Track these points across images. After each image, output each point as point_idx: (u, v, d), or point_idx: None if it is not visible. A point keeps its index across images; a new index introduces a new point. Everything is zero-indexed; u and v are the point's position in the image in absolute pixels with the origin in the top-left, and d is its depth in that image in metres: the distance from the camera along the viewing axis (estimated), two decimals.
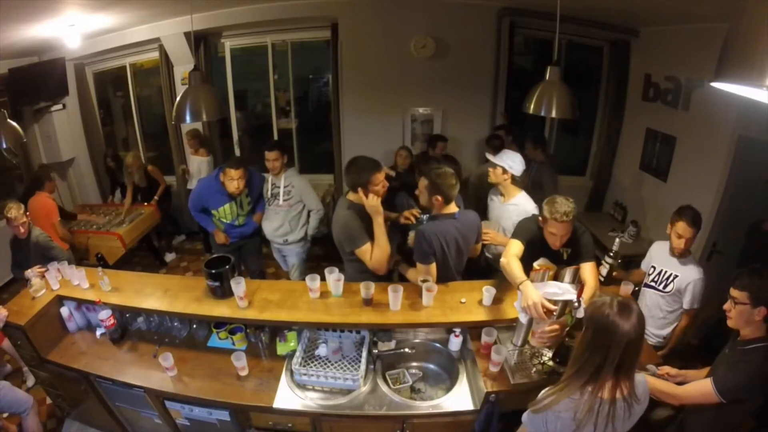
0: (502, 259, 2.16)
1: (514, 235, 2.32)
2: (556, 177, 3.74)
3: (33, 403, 2.56)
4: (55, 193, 4.04)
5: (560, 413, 1.31)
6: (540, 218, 2.22)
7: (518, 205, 2.71)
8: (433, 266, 2.28)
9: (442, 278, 2.38)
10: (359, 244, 2.33)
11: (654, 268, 2.49)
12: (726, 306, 1.72)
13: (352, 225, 2.33)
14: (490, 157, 2.80)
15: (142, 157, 4.89)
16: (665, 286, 2.42)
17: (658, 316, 2.47)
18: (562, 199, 2.12)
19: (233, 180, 3.05)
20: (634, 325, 1.22)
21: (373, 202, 2.26)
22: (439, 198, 2.25)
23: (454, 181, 2.25)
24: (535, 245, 2.26)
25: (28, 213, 2.97)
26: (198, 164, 4.64)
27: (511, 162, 2.69)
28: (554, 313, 1.87)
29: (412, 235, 2.71)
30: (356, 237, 2.33)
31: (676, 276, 2.37)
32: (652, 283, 2.48)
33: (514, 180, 2.73)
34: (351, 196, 2.41)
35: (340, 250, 2.50)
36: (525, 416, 1.43)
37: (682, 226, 2.29)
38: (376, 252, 2.33)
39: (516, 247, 2.21)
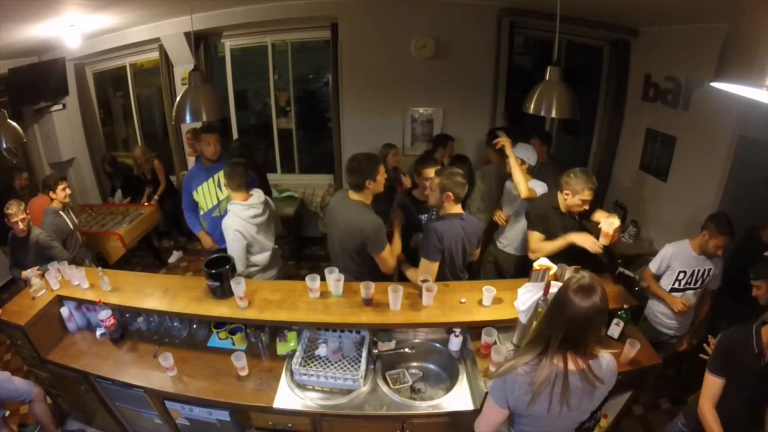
0: (532, 255, 2.51)
1: (532, 227, 2.63)
2: (558, 176, 3.75)
3: (37, 391, 2.58)
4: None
5: (518, 377, 1.36)
6: (567, 192, 2.52)
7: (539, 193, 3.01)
8: (436, 265, 2.29)
9: (450, 277, 2.42)
10: (383, 248, 2.37)
11: (684, 273, 2.57)
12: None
13: (382, 230, 2.37)
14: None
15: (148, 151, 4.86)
16: (702, 283, 2.57)
17: (692, 308, 2.64)
18: (581, 172, 2.50)
19: (209, 144, 3.12)
20: (585, 307, 1.26)
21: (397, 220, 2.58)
22: (450, 195, 2.29)
23: (463, 180, 2.30)
24: (551, 221, 2.58)
25: (28, 211, 2.97)
26: None
27: (527, 153, 3.06)
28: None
29: (414, 238, 2.72)
30: (384, 242, 2.38)
31: (710, 269, 2.55)
32: (687, 286, 2.59)
33: (529, 170, 3.09)
34: (357, 197, 2.40)
35: (354, 252, 2.44)
36: (489, 383, 1.50)
37: (724, 240, 2.41)
38: (395, 254, 2.45)
39: (537, 236, 2.57)
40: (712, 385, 1.81)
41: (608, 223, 2.32)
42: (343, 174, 4.83)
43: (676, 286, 2.60)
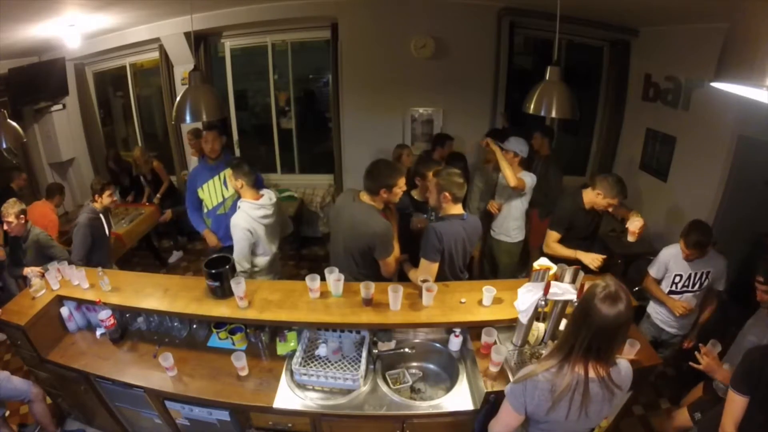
0: (545, 249, 2.71)
1: (552, 227, 2.79)
2: (561, 172, 3.82)
3: (37, 391, 2.58)
4: (59, 208, 4.10)
5: (538, 383, 1.35)
6: (599, 192, 2.63)
7: (527, 183, 3.22)
8: (436, 266, 2.29)
9: (450, 277, 2.42)
10: (390, 253, 2.38)
11: (681, 276, 2.57)
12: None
13: (390, 234, 2.37)
14: (502, 144, 3.24)
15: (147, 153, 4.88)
16: (701, 285, 2.55)
17: (694, 313, 2.64)
18: (619, 182, 2.61)
19: (207, 142, 3.14)
20: (612, 315, 1.24)
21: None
22: (447, 195, 2.28)
23: (461, 180, 2.29)
24: (576, 220, 2.75)
25: (22, 216, 2.93)
26: None
27: (519, 146, 3.21)
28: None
29: (415, 219, 2.72)
30: (391, 246, 2.38)
31: (709, 272, 2.52)
32: (684, 288, 2.59)
33: (521, 161, 3.27)
34: (370, 200, 2.39)
35: (358, 254, 2.42)
36: (507, 387, 1.47)
37: (689, 252, 2.45)
38: (396, 258, 2.45)
39: (555, 236, 2.76)
40: (736, 404, 1.69)
41: (634, 222, 2.50)
42: (343, 175, 4.86)
43: (674, 288, 2.61)
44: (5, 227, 2.92)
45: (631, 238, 2.54)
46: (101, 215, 3.27)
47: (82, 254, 3.08)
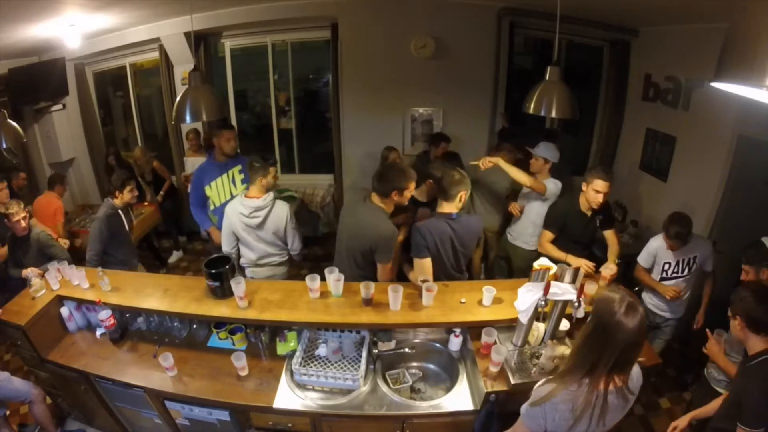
0: (539, 248, 2.80)
1: (545, 227, 2.86)
2: (569, 170, 3.84)
3: (38, 392, 2.58)
4: (64, 197, 4.12)
5: (558, 405, 1.32)
6: (584, 183, 2.68)
7: (549, 188, 3.12)
8: (428, 261, 2.30)
9: (441, 275, 2.42)
10: (389, 260, 2.37)
11: (669, 263, 2.65)
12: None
13: (395, 240, 2.37)
14: (532, 150, 3.16)
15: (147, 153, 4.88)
16: (690, 270, 2.63)
17: (684, 296, 2.70)
18: (599, 168, 2.68)
19: (229, 140, 3.16)
20: (636, 326, 1.21)
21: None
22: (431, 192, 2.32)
23: (455, 179, 2.29)
24: (569, 221, 2.80)
25: (28, 209, 2.97)
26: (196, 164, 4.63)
27: (550, 152, 3.10)
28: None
29: (420, 213, 2.73)
30: (392, 252, 2.37)
31: (696, 256, 2.61)
32: (674, 274, 2.66)
33: (552, 168, 3.14)
34: (379, 203, 2.38)
35: (359, 254, 2.41)
36: (523, 409, 1.43)
37: (671, 243, 2.54)
38: (394, 268, 2.45)
39: (549, 236, 2.82)
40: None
41: (608, 268, 2.48)
42: (343, 174, 4.86)
43: (664, 275, 2.68)
44: (21, 224, 2.92)
45: (601, 283, 2.48)
46: (120, 211, 3.21)
47: (97, 249, 3.02)
